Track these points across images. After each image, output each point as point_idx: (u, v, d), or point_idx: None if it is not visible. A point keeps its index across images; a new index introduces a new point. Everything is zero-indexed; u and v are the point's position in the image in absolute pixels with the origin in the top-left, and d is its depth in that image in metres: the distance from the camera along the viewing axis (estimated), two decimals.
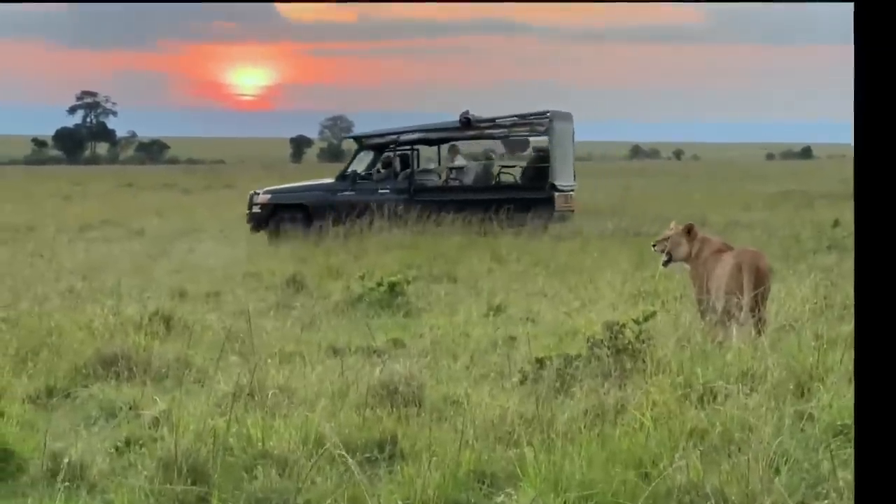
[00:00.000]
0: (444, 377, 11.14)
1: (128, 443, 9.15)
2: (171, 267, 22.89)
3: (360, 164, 30.72)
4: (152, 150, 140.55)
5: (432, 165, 32.35)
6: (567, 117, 31.45)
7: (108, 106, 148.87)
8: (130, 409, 10.26)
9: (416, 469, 8.11)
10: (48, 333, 13.32)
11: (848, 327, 13.31)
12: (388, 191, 29.88)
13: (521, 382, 10.70)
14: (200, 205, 46.48)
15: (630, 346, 11.34)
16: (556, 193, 29.44)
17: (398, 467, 8.40)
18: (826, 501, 7.29)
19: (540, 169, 30.02)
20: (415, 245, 25.75)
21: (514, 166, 32.57)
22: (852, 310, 14.55)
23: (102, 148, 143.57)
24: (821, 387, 10.09)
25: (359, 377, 10.55)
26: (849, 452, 8.47)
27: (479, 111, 30.52)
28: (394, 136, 30.54)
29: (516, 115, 30.57)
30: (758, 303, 12.93)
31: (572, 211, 30.48)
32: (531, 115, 30.39)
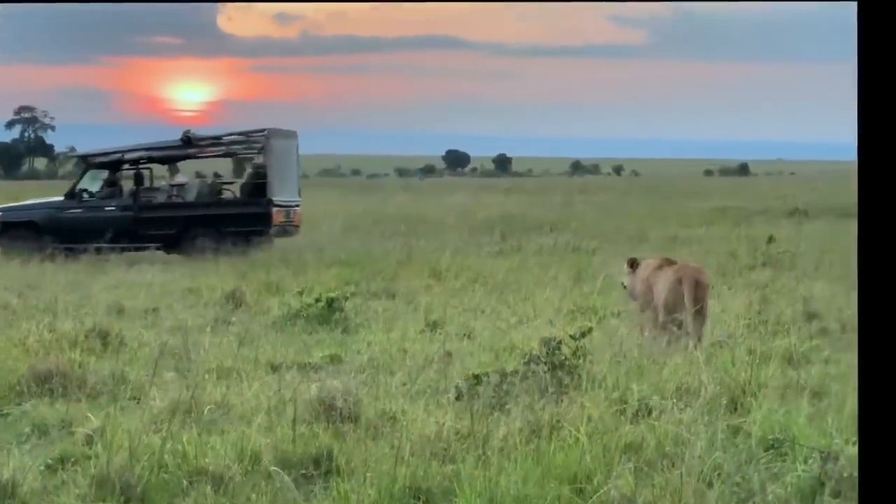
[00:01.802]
0: (381, 393, 11.14)
1: (61, 461, 9.08)
2: (109, 283, 22.73)
3: (95, 183, 31.25)
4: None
5: (163, 183, 32.88)
6: (289, 135, 32.30)
7: (46, 121, 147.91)
8: (64, 426, 10.20)
9: (351, 485, 8.12)
10: None
11: (781, 342, 13.44)
12: (113, 208, 30.48)
13: (458, 398, 10.72)
14: None
15: (566, 362, 11.38)
16: (275, 209, 30.06)
17: (334, 483, 8.39)
18: None
19: (258, 185, 30.79)
20: (353, 261, 25.75)
21: (233, 182, 33.50)
22: (785, 326, 14.73)
23: (41, 163, 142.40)
24: (753, 402, 10.19)
25: (296, 393, 10.52)
26: (779, 466, 8.56)
27: (421, 126, 30.91)
28: (118, 155, 31.23)
29: (235, 133, 31.50)
30: (699, 316, 13.12)
31: (296, 226, 31.32)
32: (249, 132, 31.28)
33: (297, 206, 31.43)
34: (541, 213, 47.18)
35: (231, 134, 31.44)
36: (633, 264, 14.42)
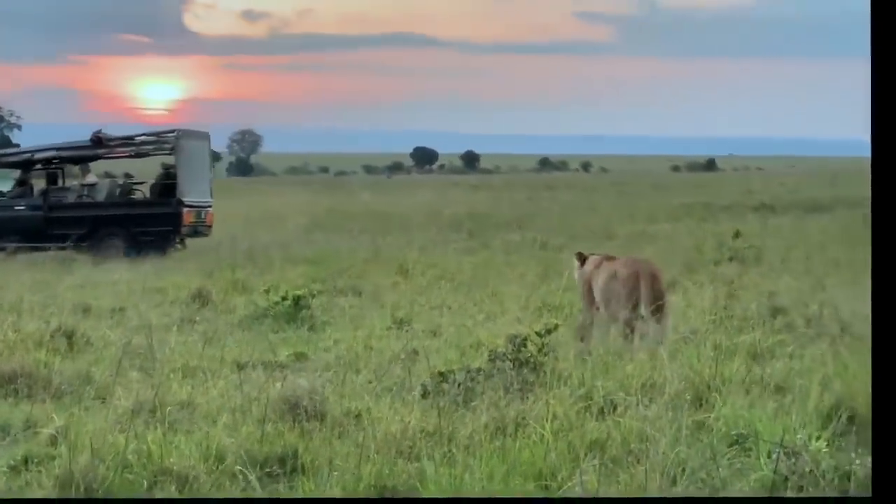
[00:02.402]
0: (347, 391, 11.12)
1: (25, 461, 9.04)
2: (75, 282, 22.63)
3: (6, 182, 31.38)
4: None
5: (74, 183, 33.02)
6: (201, 136, 32.63)
7: (13, 120, 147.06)
8: (29, 427, 10.14)
9: (316, 484, 8.11)
10: None
11: (746, 336, 13.48)
12: (23, 207, 30.64)
13: (423, 396, 10.71)
14: None
15: (532, 359, 11.40)
16: (185, 209, 30.23)
17: (299, 482, 8.38)
18: None
19: (168, 185, 30.96)
20: (319, 259, 25.75)
21: (143, 182, 33.42)
22: (750, 321, 14.78)
23: None
24: (718, 397, 10.22)
25: (261, 392, 10.50)
26: (743, 462, 8.59)
27: (389, 123, 30.92)
28: (29, 155, 31.62)
29: (146, 134, 31.72)
30: (661, 309, 13.19)
31: (209, 226, 31.48)
32: (160, 133, 31.55)
33: (210, 206, 31.54)
34: (508, 210, 47.24)
35: (142, 134, 31.63)
36: (582, 258, 14.46)
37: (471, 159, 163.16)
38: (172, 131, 31.13)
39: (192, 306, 18.79)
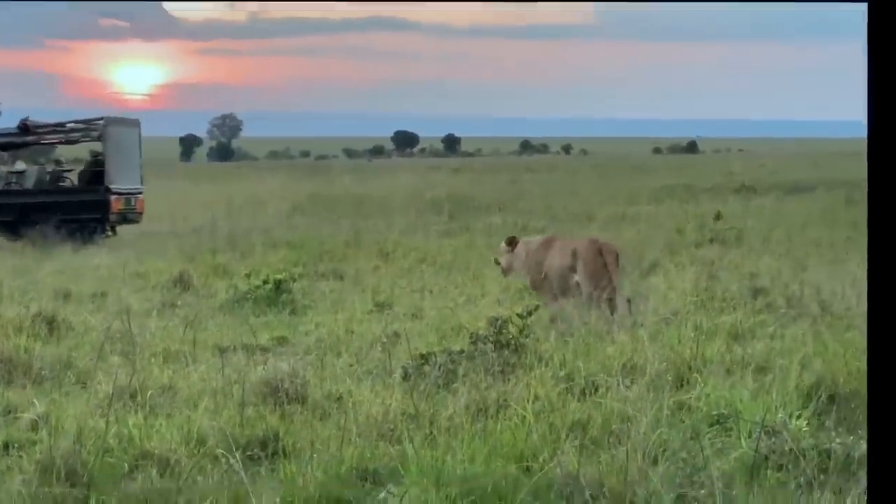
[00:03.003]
0: (328, 374, 11.12)
1: (5, 447, 9.03)
2: (55, 267, 22.58)
3: None
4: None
5: (1, 169, 33.04)
6: (131, 123, 32.62)
7: None
8: (9, 412, 10.12)
9: (298, 467, 8.10)
10: None
11: (727, 317, 13.53)
12: None
13: (405, 379, 10.71)
14: None
15: (514, 341, 11.41)
16: (113, 196, 30.25)
17: (280, 465, 8.37)
18: (703, 490, 7.38)
19: (96, 172, 30.95)
20: (300, 243, 25.73)
21: (72, 170, 33.44)
22: (731, 302, 14.82)
23: None
24: (699, 377, 10.24)
25: (242, 376, 10.49)
26: (724, 441, 8.62)
27: (370, 107, 30.89)
28: None
29: (74, 121, 31.68)
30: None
31: (139, 213, 31.50)
32: (89, 120, 31.45)
33: (140, 193, 31.52)
34: (489, 193, 47.22)
35: (71, 122, 31.60)
36: (512, 243, 15.16)
37: (452, 142, 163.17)
38: (101, 119, 31.05)
39: (173, 291, 18.78)
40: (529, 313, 11.78)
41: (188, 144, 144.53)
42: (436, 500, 7.28)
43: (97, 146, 31.49)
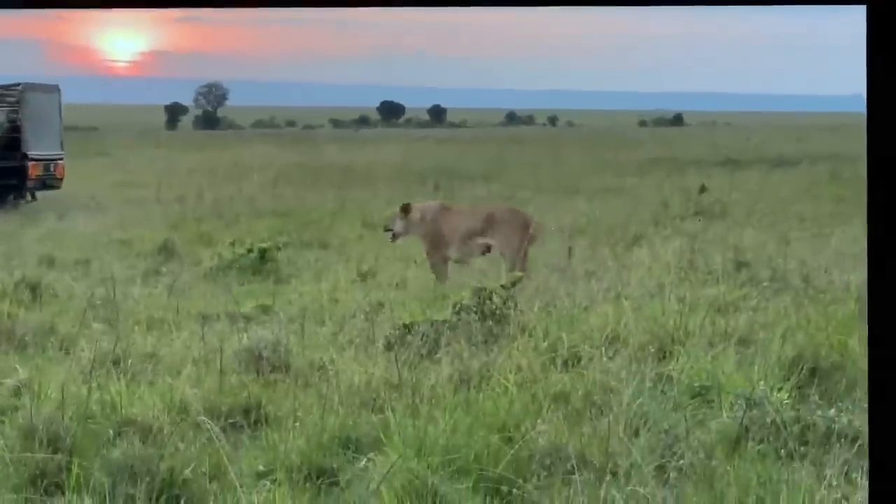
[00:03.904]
0: (311, 343, 11.13)
1: None
2: (40, 234, 22.54)
3: None
4: None
5: None
6: (49, 89, 32.38)
7: None
8: None
9: (280, 435, 8.11)
10: None
11: (710, 290, 13.55)
12: None
13: (388, 348, 10.71)
14: (72, 171, 45.71)
15: (497, 312, 11.42)
16: (31, 162, 30.13)
17: (262, 433, 8.39)
18: (682, 461, 7.41)
19: (13, 139, 30.64)
20: (285, 212, 25.70)
21: None
22: (715, 275, 14.83)
23: None
24: (681, 349, 10.26)
25: (226, 344, 10.49)
26: (705, 413, 8.65)
27: (357, 78, 30.76)
28: None
29: None
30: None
31: (59, 179, 31.43)
32: (5, 86, 31.32)
33: (60, 159, 31.47)
34: (475, 164, 47.09)
35: None
36: (407, 209, 16.44)
37: (438, 113, 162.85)
38: (18, 84, 30.96)
39: (157, 259, 18.74)
40: (514, 284, 11.79)
41: (173, 113, 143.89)
42: (418, 469, 7.29)
43: (13, 113, 31.31)
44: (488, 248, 15.94)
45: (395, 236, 16.72)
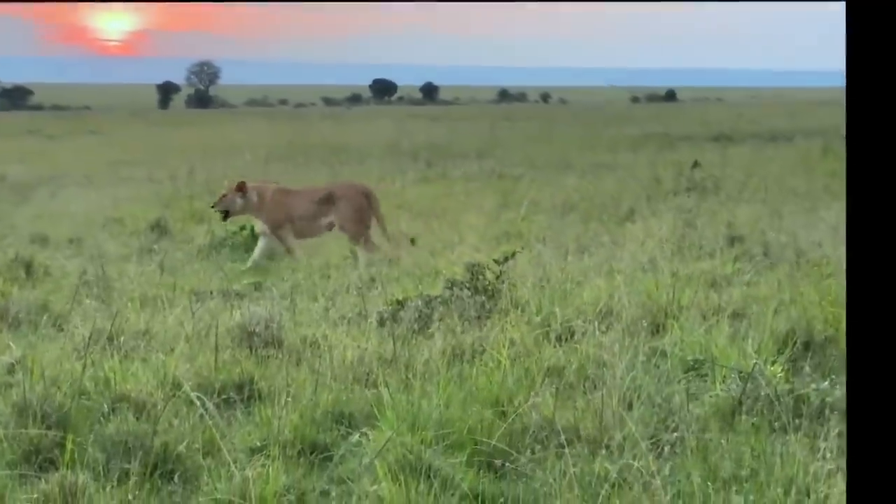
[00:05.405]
0: (304, 319, 11.13)
1: None
2: (33, 213, 22.54)
3: None
4: (15, 96, 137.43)
5: None
6: None
7: None
8: None
9: (273, 410, 8.11)
10: None
11: (703, 265, 13.56)
12: None
13: (381, 324, 10.72)
14: (65, 151, 45.72)
15: (490, 287, 11.42)
16: None
17: (256, 409, 8.38)
18: (675, 434, 7.41)
19: None
20: None
21: None
22: (708, 250, 14.84)
23: None
24: (674, 323, 10.26)
25: (218, 320, 10.49)
26: (698, 386, 8.65)
27: (350, 56, 30.78)
28: None
29: None
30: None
31: None
32: None
33: None
34: (467, 141, 47.11)
35: None
36: (242, 188, 16.72)
37: (430, 91, 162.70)
38: None
39: (150, 236, 18.75)
40: (507, 259, 11.78)
41: (166, 92, 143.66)
42: (411, 444, 7.29)
43: None
44: (332, 225, 16.72)
45: (228, 214, 16.79)
